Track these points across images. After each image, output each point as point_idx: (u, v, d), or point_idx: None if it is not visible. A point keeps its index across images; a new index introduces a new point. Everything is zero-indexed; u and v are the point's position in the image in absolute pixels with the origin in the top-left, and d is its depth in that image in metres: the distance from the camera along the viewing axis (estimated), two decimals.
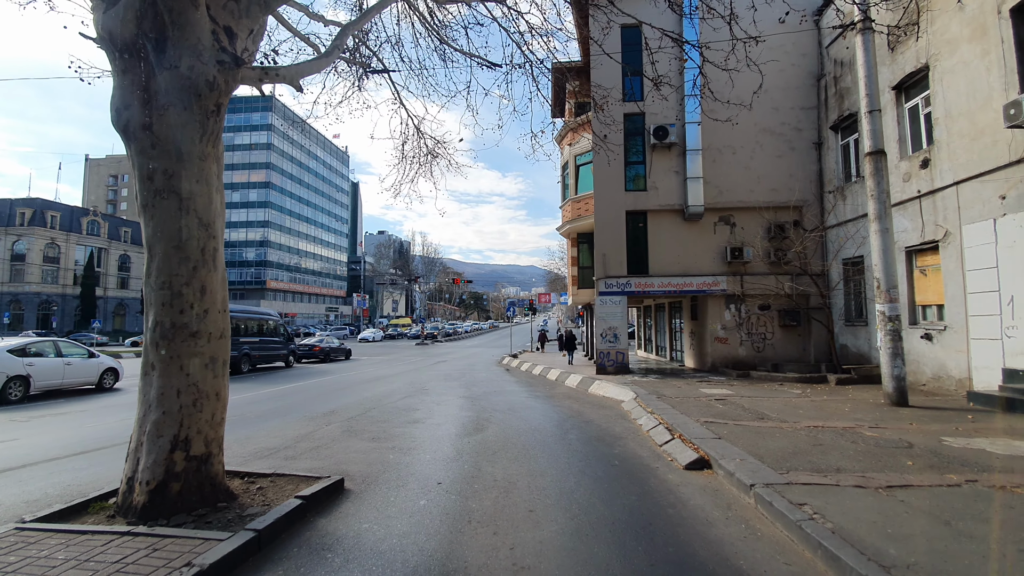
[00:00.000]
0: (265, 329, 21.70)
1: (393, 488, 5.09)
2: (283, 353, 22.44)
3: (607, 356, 15.82)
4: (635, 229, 16.54)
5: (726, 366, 15.61)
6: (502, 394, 12.71)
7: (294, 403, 11.42)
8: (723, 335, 15.97)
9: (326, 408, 10.48)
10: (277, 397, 12.45)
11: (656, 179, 16.32)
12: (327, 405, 10.93)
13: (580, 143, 19.99)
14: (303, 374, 18.99)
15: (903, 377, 9.45)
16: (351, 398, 12.05)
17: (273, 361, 22.06)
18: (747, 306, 15.90)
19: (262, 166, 79.92)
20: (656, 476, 5.44)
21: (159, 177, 4.22)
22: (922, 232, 11.46)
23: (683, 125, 16.18)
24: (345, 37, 6.69)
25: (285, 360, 22.82)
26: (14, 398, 11.75)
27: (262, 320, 21.88)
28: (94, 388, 14.01)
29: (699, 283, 15.87)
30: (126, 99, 4.21)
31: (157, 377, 4.19)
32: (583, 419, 9.10)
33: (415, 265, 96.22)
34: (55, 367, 12.92)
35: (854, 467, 5.29)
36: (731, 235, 16.13)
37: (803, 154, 16.15)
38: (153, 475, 4.06)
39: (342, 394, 12.88)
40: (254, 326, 21.06)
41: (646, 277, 16.10)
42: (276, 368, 21.81)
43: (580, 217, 19.52)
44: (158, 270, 4.23)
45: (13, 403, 11.61)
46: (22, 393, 11.98)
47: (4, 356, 11.75)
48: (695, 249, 16.14)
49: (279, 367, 22.10)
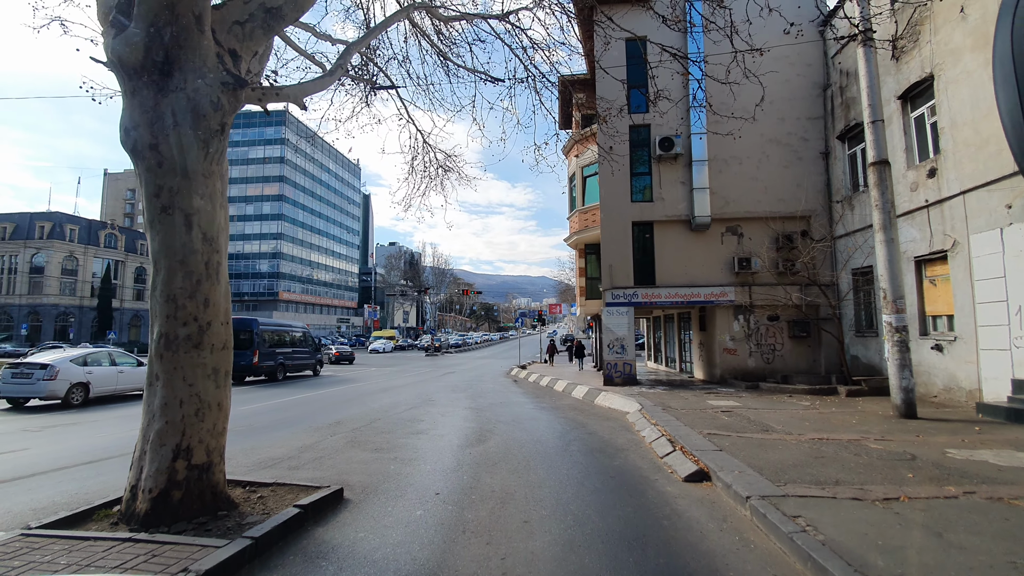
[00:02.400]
0: (297, 341, 23.37)
1: (391, 498, 5.15)
2: (311, 363, 23.88)
3: (614, 367, 15.79)
4: (642, 240, 16.56)
5: (735, 377, 15.49)
6: (507, 405, 12.73)
7: (304, 413, 11.55)
8: (732, 346, 15.87)
9: (333, 418, 10.58)
10: (289, 407, 12.59)
11: (662, 190, 16.37)
12: (335, 415, 11.03)
13: (586, 154, 20.13)
14: (321, 383, 19.16)
15: (911, 389, 9.34)
16: (359, 409, 12.15)
17: (303, 370, 23.47)
18: (756, 317, 15.80)
19: (275, 179, 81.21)
20: (654, 488, 5.44)
21: (165, 194, 4.37)
22: (931, 242, 11.36)
23: (688, 136, 16.24)
24: (349, 56, 6.88)
25: (313, 369, 24.11)
26: (76, 402, 12.89)
27: (295, 333, 23.63)
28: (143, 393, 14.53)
29: (707, 294, 15.82)
30: (134, 120, 4.38)
31: (161, 388, 4.31)
32: (586, 431, 9.10)
33: (425, 276, 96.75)
34: (110, 375, 14.12)
35: (853, 479, 5.25)
36: (738, 245, 16.09)
37: (810, 164, 16.11)
38: (156, 483, 4.16)
39: (350, 405, 12.99)
40: (287, 338, 22.64)
41: (653, 288, 16.09)
42: (305, 376, 22.99)
43: (587, 228, 19.60)
44: (163, 283, 4.37)
45: (75, 407, 12.71)
46: (83, 398, 13.13)
47: (68, 365, 12.97)
48: (702, 259, 16.11)
49: (308, 375, 23.35)
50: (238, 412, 11.81)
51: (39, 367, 12.65)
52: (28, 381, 12.46)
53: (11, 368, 12.95)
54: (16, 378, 12.58)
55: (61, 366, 12.78)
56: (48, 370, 12.51)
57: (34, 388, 12.44)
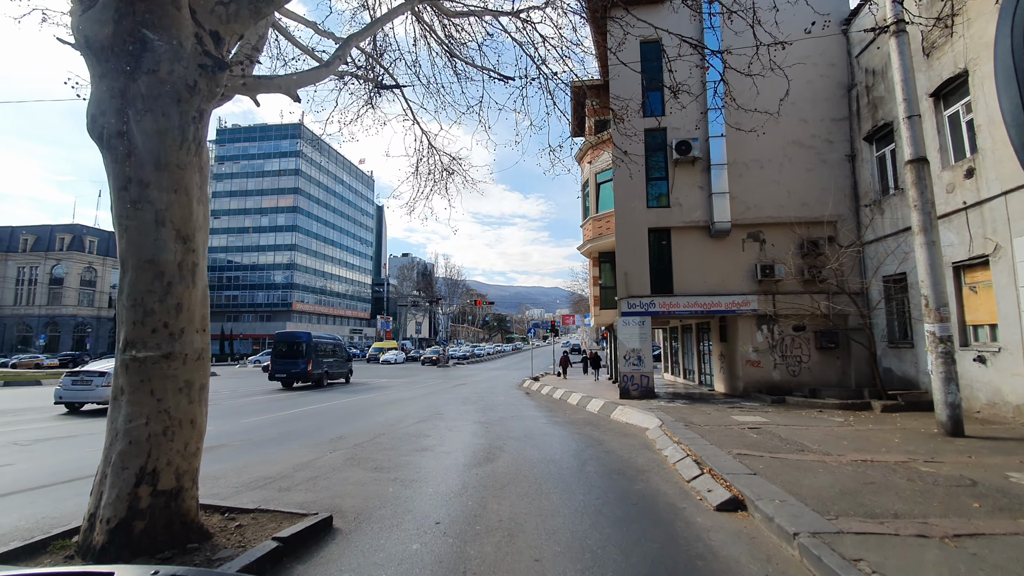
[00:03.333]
0: (337, 351, 25.68)
1: (386, 528, 4.59)
2: (345, 371, 25.78)
3: (631, 380, 15.10)
4: (658, 247, 15.94)
5: (759, 391, 14.71)
6: (519, 419, 12.12)
7: (308, 426, 11.07)
8: (755, 358, 15.11)
9: (336, 432, 10.07)
10: (294, 419, 12.13)
11: (679, 195, 15.77)
12: (339, 429, 10.53)
13: (600, 161, 19.64)
14: (335, 393, 18.72)
15: (958, 404, 8.58)
16: (365, 422, 11.64)
17: (338, 378, 25.22)
18: (780, 327, 15.05)
19: (290, 191, 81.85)
20: (683, 518, 4.81)
21: (134, 187, 3.93)
22: (970, 246, 10.63)
23: (706, 139, 15.66)
24: (349, 48, 6.46)
25: (346, 377, 26.02)
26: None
27: (335, 344, 26.00)
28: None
29: (728, 303, 15.12)
30: (102, 105, 3.96)
31: (126, 403, 3.83)
32: (603, 449, 8.47)
33: (438, 287, 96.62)
34: None
35: (913, 511, 4.59)
36: (761, 252, 15.39)
37: (835, 167, 15.42)
38: (115, 512, 3.66)
39: (357, 417, 12.49)
40: (329, 349, 24.74)
41: (671, 296, 15.43)
42: (338, 383, 24.54)
43: (601, 235, 19.04)
44: (130, 286, 3.91)
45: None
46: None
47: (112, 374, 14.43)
48: (723, 267, 15.43)
49: (341, 383, 24.78)
50: (242, 424, 11.40)
51: (98, 374, 13.74)
52: (88, 387, 13.66)
53: (71, 375, 14.06)
54: (76, 384, 13.70)
55: None
56: (106, 377, 13.36)
57: (94, 393, 13.61)
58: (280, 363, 22.36)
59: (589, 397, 15.28)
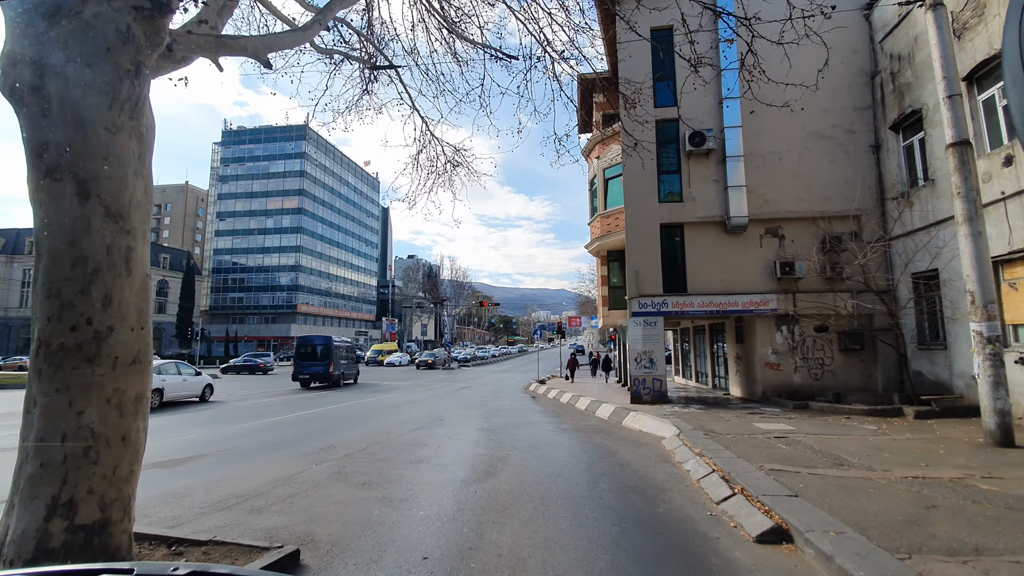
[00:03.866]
0: (348, 353, 26.68)
1: (363, 565, 3.85)
2: (354, 372, 26.59)
3: (642, 383, 14.30)
4: (671, 244, 15.15)
5: (779, 395, 13.87)
6: (524, 426, 11.36)
7: (300, 433, 10.36)
8: (774, 360, 14.27)
9: (327, 441, 9.36)
10: (287, 425, 11.43)
11: (693, 189, 14.97)
12: (332, 436, 9.82)
13: (608, 155, 18.88)
14: (337, 396, 18.04)
15: (1007, 411, 7.77)
16: (359, 429, 10.94)
17: (349, 378, 26.10)
18: (801, 328, 14.21)
19: (295, 193, 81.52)
20: (718, 553, 4.03)
21: (52, 152, 3.22)
22: (1010, 239, 9.83)
23: (722, 130, 14.86)
24: (331, 12, 5.75)
25: (354, 377, 26.96)
26: (153, 406, 14.18)
27: (348, 346, 27.25)
28: (198, 400, 16.91)
29: (745, 302, 14.30)
30: (16, 53, 3.26)
31: (38, 417, 3.12)
32: (617, 461, 7.69)
33: (444, 288, 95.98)
34: (178, 382, 16.18)
35: (997, 544, 3.80)
36: (780, 248, 14.57)
37: (859, 158, 14.59)
38: (20, 551, 2.95)
39: (352, 424, 11.79)
40: (343, 350, 25.83)
41: (684, 296, 14.62)
42: (348, 383, 25.27)
43: (610, 233, 18.26)
44: (44, 273, 3.20)
45: (155, 410, 13.94)
46: (158, 402, 14.82)
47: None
48: (739, 264, 14.62)
49: (350, 383, 25.53)
50: (230, 431, 10.72)
51: None
52: None
53: None
54: None
55: None
56: None
57: None
58: (303, 364, 23.54)
59: (598, 402, 14.48)
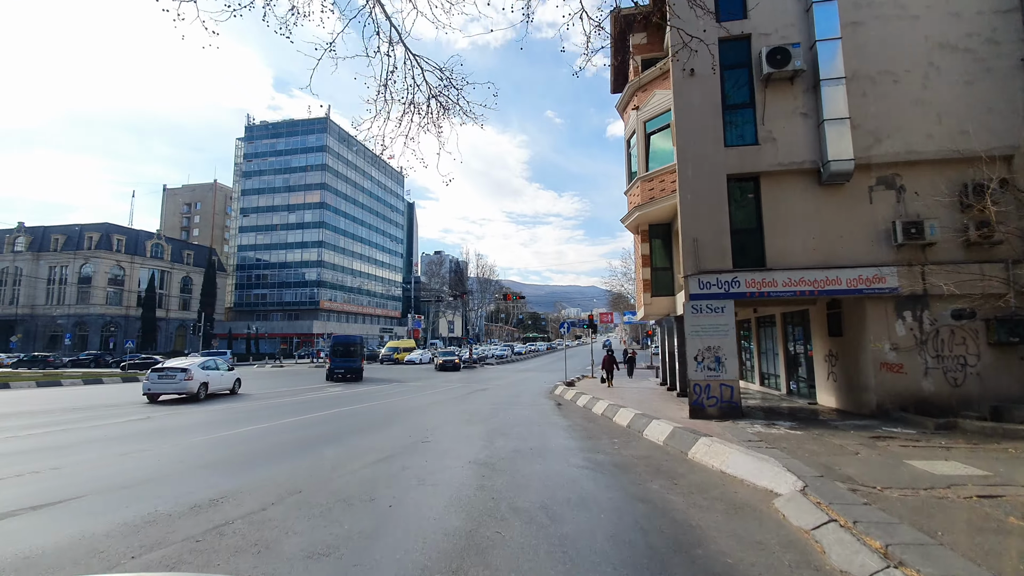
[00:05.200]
0: (362, 349, 29.59)
1: None
2: (359, 368, 27.82)
3: (706, 391, 10.47)
4: (742, 202, 11.28)
5: (902, 407, 9.88)
6: (539, 458, 7.73)
7: (221, 459, 7.01)
8: (894, 359, 10.25)
9: (226, 485, 5.97)
10: (221, 445, 8.13)
11: (773, 127, 11.05)
12: (240, 477, 6.43)
13: (650, 104, 15.02)
14: (315, 404, 14.85)
15: None
16: (299, 460, 7.54)
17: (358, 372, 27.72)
18: (932, 313, 10.15)
19: (317, 187, 79.52)
20: None
21: None
22: None
23: (812, 45, 10.89)
24: None
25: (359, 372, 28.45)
26: (202, 397, 16.70)
27: (362, 343, 30.01)
28: (229, 393, 18.60)
29: (851, 278, 10.32)
30: None
31: None
32: (708, 554, 4.02)
33: (470, 284, 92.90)
34: (219, 377, 18.12)
35: None
36: (899, 204, 10.53)
37: (1006, 77, 10.46)
38: None
39: (298, 449, 8.41)
40: (358, 348, 28.29)
41: (763, 272, 10.73)
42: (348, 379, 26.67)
43: (654, 200, 14.44)
44: None
45: (201, 401, 16.38)
46: (205, 393, 16.93)
47: (198, 369, 16.86)
48: (840, 228, 10.65)
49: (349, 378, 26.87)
50: (127, 465, 7.33)
51: (180, 370, 16.37)
52: (172, 381, 16.17)
53: (156, 371, 16.51)
54: (162, 379, 16.22)
55: (195, 370, 16.66)
56: (187, 372, 16.32)
57: (177, 386, 16.14)
58: (338, 361, 26.93)
59: (646, 416, 10.61)
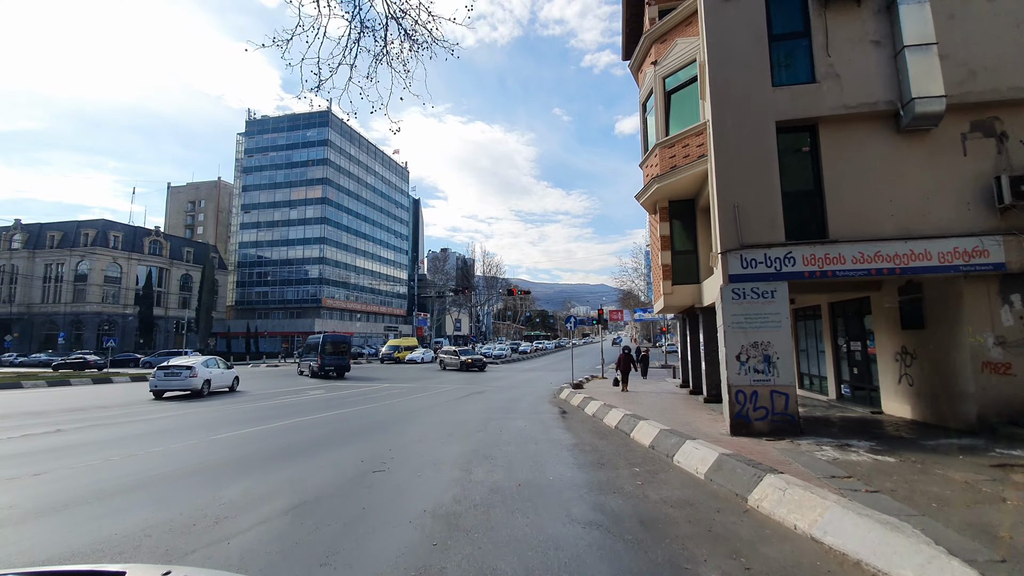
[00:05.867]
0: (349, 348, 30.86)
1: None
2: (346, 364, 29.13)
3: (752, 400, 8.09)
4: (795, 157, 8.89)
5: (1012, 421, 7.47)
6: (529, 503, 5.42)
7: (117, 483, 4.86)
8: (999, 356, 7.82)
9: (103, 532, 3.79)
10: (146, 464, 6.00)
11: (835, 59, 8.64)
12: (125, 520, 4.25)
13: (671, 57, 12.67)
14: (288, 408, 12.69)
15: None
16: (233, 489, 5.34)
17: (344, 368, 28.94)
18: None
19: (318, 182, 77.45)
20: None
21: None
22: None
23: None
24: None
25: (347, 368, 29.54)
26: (205, 393, 17.52)
27: (349, 343, 31.38)
28: (227, 391, 19.06)
29: (943, 252, 7.90)
30: None
31: None
32: None
33: (476, 281, 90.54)
34: (219, 375, 18.81)
35: None
36: (999, 155, 8.09)
37: None
38: None
39: (239, 471, 6.21)
40: (346, 347, 29.84)
41: (825, 245, 8.33)
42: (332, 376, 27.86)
43: (676, 169, 12.09)
44: None
45: (204, 397, 17.16)
46: (207, 390, 17.76)
47: (202, 367, 17.67)
48: (924, 187, 8.23)
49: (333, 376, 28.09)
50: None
51: (186, 368, 17.15)
52: (178, 378, 16.91)
53: (163, 369, 17.12)
54: (168, 376, 16.91)
55: (199, 368, 17.46)
56: (192, 370, 17.11)
57: (182, 383, 16.89)
58: (328, 359, 27.97)
59: (675, 435, 8.08)
